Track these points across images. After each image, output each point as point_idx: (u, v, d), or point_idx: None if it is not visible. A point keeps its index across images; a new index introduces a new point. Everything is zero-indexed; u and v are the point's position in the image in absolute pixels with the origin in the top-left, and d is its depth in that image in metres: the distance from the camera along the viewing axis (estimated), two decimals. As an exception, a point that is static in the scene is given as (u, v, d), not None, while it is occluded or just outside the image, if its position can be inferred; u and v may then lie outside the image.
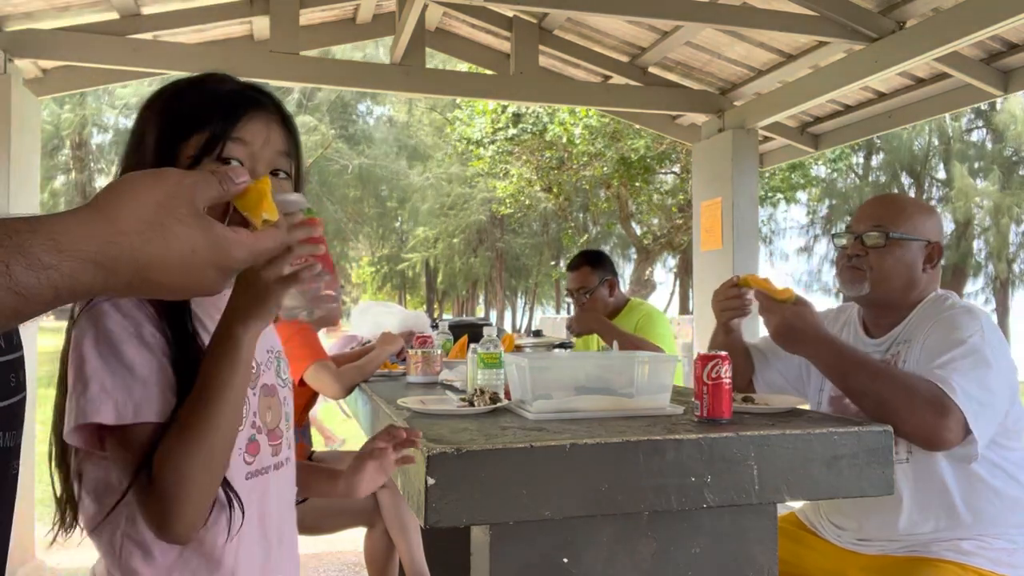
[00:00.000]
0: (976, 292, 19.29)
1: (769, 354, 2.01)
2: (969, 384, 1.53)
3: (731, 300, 1.84)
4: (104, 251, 0.54)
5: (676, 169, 12.46)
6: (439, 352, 2.48)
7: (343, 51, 10.14)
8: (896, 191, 18.06)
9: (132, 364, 0.90)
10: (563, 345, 3.40)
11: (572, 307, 3.29)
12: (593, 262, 3.21)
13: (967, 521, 1.68)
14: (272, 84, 3.90)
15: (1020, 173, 17.63)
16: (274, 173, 1.00)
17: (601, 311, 3.19)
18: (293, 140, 1.04)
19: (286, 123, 1.03)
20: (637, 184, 12.12)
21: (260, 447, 1.05)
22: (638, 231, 14.26)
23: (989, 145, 17.70)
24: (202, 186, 0.63)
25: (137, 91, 17.08)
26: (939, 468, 1.67)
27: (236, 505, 0.97)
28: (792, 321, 1.67)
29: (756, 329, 3.51)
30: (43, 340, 4.07)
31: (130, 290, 0.58)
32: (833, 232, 1.98)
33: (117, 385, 0.88)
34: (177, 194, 0.60)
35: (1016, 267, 18.78)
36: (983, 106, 15.59)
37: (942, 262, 1.87)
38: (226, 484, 0.96)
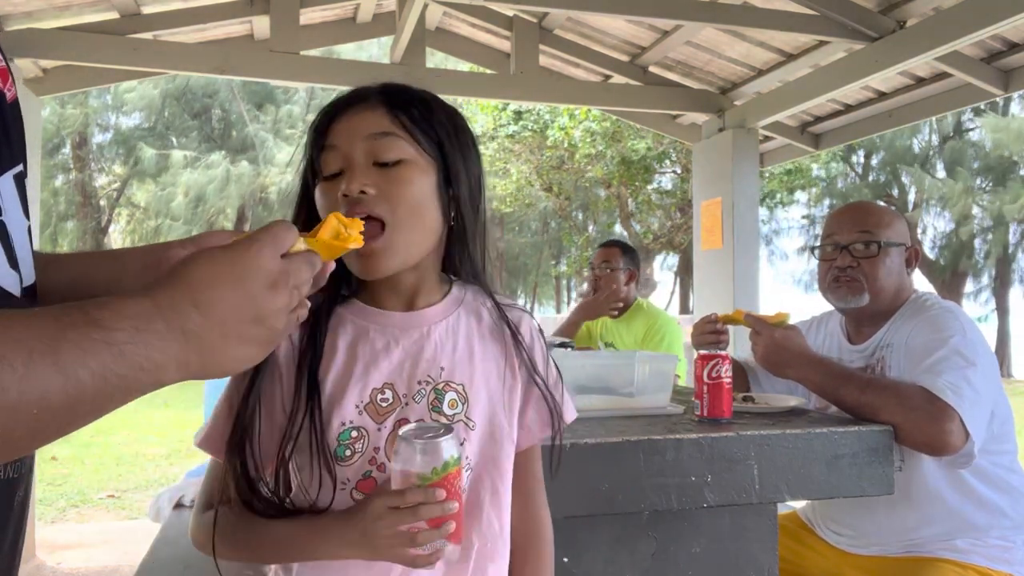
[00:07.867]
0: (976, 292, 19.26)
1: (760, 372, 2.03)
2: (959, 383, 1.53)
3: (707, 336, 1.86)
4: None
5: (676, 168, 12.45)
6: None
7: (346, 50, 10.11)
8: (893, 191, 18.05)
9: None
10: (564, 345, 3.40)
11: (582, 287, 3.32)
12: (626, 249, 3.36)
13: (961, 524, 1.69)
14: (272, 83, 3.89)
15: (1021, 173, 17.60)
16: (382, 164, 0.89)
17: (611, 295, 3.22)
18: (407, 117, 0.91)
19: (392, 106, 0.91)
20: (637, 183, 12.11)
21: (376, 486, 0.88)
22: (638, 230, 14.24)
23: (988, 145, 17.66)
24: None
25: (142, 93, 17.06)
26: (933, 477, 1.67)
27: None
28: (779, 343, 1.69)
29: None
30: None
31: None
32: (812, 245, 1.97)
33: None
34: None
35: (1015, 267, 18.73)
36: (982, 106, 15.57)
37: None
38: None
